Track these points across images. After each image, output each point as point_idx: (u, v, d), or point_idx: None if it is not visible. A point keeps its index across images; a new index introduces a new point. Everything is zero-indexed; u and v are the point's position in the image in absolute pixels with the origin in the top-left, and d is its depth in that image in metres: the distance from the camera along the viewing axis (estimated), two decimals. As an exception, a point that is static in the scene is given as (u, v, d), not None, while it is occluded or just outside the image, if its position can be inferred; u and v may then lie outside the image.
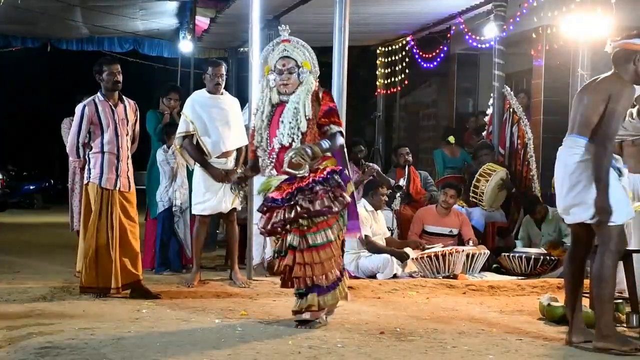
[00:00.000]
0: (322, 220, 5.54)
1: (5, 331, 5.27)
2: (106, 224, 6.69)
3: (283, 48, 5.78)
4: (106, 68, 6.80)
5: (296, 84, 5.72)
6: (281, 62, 5.73)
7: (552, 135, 10.79)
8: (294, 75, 5.73)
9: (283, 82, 5.70)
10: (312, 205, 5.49)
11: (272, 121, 5.71)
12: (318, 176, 5.56)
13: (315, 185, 5.53)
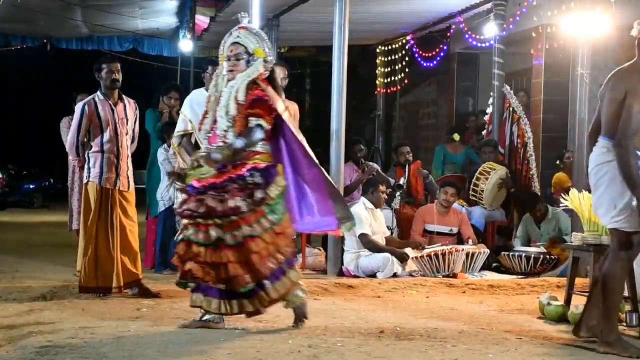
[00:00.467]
0: (235, 219, 5.28)
1: (5, 330, 5.27)
2: (106, 223, 6.69)
3: (236, 35, 5.63)
4: (105, 66, 6.80)
5: (237, 74, 5.56)
6: (229, 48, 5.60)
7: (552, 134, 10.83)
8: (242, 62, 5.56)
9: (230, 67, 5.55)
10: (222, 205, 5.26)
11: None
12: (236, 173, 5.37)
13: (229, 183, 5.34)
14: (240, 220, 5.27)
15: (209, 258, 5.26)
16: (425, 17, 11.89)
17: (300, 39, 13.91)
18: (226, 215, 5.27)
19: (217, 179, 5.37)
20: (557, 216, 9.04)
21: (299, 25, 11.85)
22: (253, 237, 5.30)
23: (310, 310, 6.31)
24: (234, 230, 5.27)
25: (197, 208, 5.29)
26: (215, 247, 5.27)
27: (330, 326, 5.64)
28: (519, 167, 9.96)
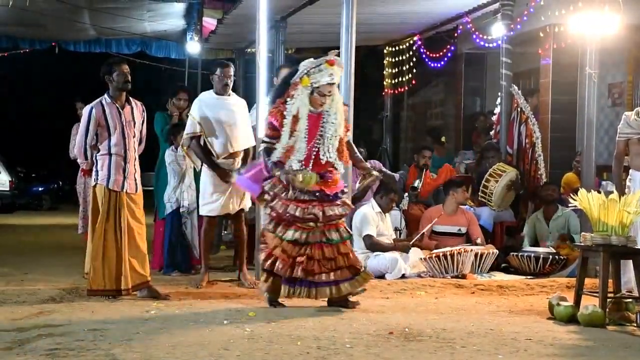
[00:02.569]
0: (342, 221, 6.48)
1: (14, 333, 5.28)
2: (114, 226, 6.70)
3: (330, 72, 6.28)
4: (116, 68, 6.79)
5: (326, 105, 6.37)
6: (327, 89, 6.30)
7: (560, 134, 10.80)
8: (330, 98, 6.37)
9: (323, 102, 6.33)
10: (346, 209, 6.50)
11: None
12: (340, 188, 6.48)
13: (340, 194, 6.46)
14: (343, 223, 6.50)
15: (334, 253, 6.33)
16: (433, 18, 11.88)
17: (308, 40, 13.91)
18: (342, 217, 6.46)
19: (336, 189, 6.43)
20: (567, 215, 9.02)
21: (307, 27, 11.86)
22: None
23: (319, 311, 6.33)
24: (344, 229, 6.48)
25: (337, 211, 6.36)
26: (342, 242, 6.40)
27: (339, 327, 5.63)
28: (527, 168, 9.95)
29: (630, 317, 6.16)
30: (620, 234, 6.13)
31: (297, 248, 6.30)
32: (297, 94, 6.32)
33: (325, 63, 6.27)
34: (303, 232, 6.30)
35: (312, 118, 6.35)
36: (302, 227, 6.30)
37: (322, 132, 6.35)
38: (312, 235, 6.31)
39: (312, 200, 6.29)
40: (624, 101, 11.14)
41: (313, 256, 6.29)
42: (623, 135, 6.97)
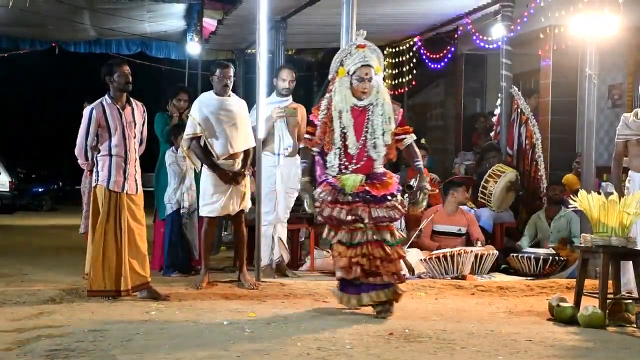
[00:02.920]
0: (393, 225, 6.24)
1: (14, 333, 5.29)
2: (114, 227, 6.70)
3: (363, 55, 6.10)
4: (117, 69, 6.79)
5: (370, 94, 6.13)
6: (363, 71, 6.08)
7: (560, 136, 10.80)
8: (372, 83, 6.11)
9: (364, 89, 6.09)
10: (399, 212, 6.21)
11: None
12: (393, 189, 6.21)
13: (397, 193, 6.22)
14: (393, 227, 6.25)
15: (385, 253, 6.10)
16: (433, 19, 11.88)
17: (308, 41, 13.92)
18: (395, 220, 6.24)
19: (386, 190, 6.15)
20: (569, 216, 9.02)
21: (307, 28, 11.86)
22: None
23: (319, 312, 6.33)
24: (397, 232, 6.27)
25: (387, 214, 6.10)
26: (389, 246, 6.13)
27: (339, 328, 5.63)
28: (527, 169, 9.95)
29: (630, 318, 6.17)
30: (620, 235, 6.13)
31: (351, 249, 6.12)
32: (335, 87, 6.17)
33: (355, 48, 6.15)
34: (350, 233, 6.11)
35: (356, 112, 6.14)
36: (351, 229, 6.11)
37: (369, 127, 6.14)
38: (362, 235, 6.09)
39: (356, 202, 6.08)
40: (624, 102, 11.14)
41: (370, 254, 6.08)
42: (622, 137, 6.98)
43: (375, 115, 6.13)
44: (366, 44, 6.17)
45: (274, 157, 8.07)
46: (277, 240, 8.09)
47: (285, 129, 8.10)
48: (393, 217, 6.17)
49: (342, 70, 6.14)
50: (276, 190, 8.05)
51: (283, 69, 8.31)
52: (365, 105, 6.13)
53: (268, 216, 7.98)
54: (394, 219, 6.21)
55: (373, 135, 6.14)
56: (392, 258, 6.13)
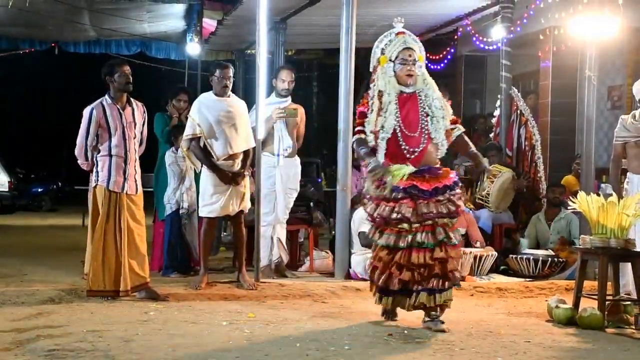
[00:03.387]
0: (455, 222, 5.80)
1: (13, 334, 5.29)
2: (114, 227, 6.70)
3: (403, 40, 5.84)
4: (118, 69, 6.79)
5: (416, 78, 5.82)
6: (407, 53, 5.79)
7: (560, 137, 10.80)
8: (416, 67, 5.81)
9: (410, 72, 5.77)
10: (458, 206, 5.75)
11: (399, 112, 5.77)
12: (450, 181, 5.76)
13: (455, 186, 5.77)
14: (457, 224, 5.86)
15: (429, 258, 5.63)
16: (433, 20, 11.88)
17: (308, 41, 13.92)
18: (457, 216, 5.78)
19: (446, 181, 5.71)
20: (568, 217, 9.01)
21: (307, 28, 11.86)
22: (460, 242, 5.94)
23: (318, 313, 6.33)
24: (454, 231, 5.77)
25: (440, 209, 5.65)
26: (439, 245, 5.65)
27: (338, 329, 5.64)
28: (527, 170, 9.95)
29: (628, 319, 6.17)
30: (619, 237, 6.13)
31: (391, 255, 5.69)
32: (378, 75, 5.85)
33: (395, 35, 5.88)
34: (396, 235, 5.66)
35: (404, 98, 5.80)
36: (394, 230, 5.67)
37: (428, 112, 5.78)
38: (404, 239, 5.65)
39: (403, 198, 5.63)
40: (624, 104, 11.15)
41: (404, 263, 5.65)
42: (620, 139, 6.98)
43: (429, 99, 5.82)
44: (405, 31, 5.92)
45: (274, 158, 8.07)
46: (276, 240, 8.09)
47: (284, 129, 8.11)
48: (445, 213, 5.67)
49: (383, 58, 5.84)
50: (276, 190, 8.05)
51: (282, 70, 8.31)
52: (413, 91, 5.82)
53: (267, 217, 7.98)
54: (447, 214, 5.69)
55: (432, 120, 5.78)
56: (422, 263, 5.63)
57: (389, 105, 5.75)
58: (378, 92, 5.80)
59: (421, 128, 5.77)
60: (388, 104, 5.75)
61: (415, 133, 5.75)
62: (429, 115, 5.78)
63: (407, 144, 5.74)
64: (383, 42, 5.90)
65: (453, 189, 5.72)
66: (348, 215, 8.15)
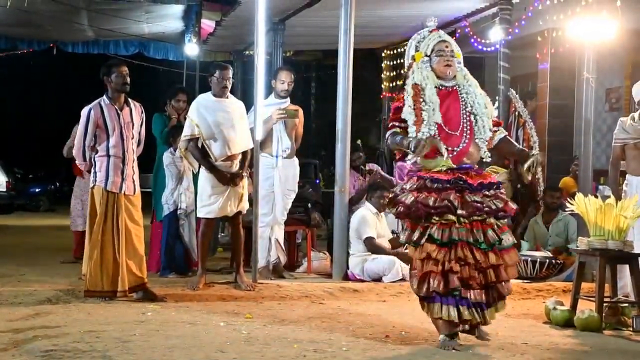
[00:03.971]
0: (504, 224, 5.29)
1: (11, 334, 5.28)
2: (112, 228, 6.69)
3: (438, 35, 5.49)
4: (115, 70, 6.80)
5: (455, 70, 5.44)
6: (443, 45, 5.41)
7: (558, 139, 10.81)
8: (455, 59, 5.44)
9: (448, 62, 5.36)
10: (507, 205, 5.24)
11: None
12: (492, 179, 5.31)
13: (494, 188, 5.26)
14: (506, 226, 5.28)
15: (484, 263, 5.09)
16: (431, 21, 11.88)
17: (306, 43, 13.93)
18: (505, 217, 5.26)
19: (482, 179, 5.24)
20: (566, 219, 9.01)
21: (305, 29, 11.86)
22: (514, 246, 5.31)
23: (315, 314, 6.33)
24: (504, 233, 5.20)
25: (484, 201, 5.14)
26: (491, 249, 5.13)
27: (335, 330, 5.64)
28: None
29: (626, 321, 6.17)
30: (617, 239, 6.13)
31: (443, 251, 5.06)
32: (414, 70, 5.42)
33: (428, 32, 5.53)
34: (443, 229, 5.08)
35: (443, 94, 5.36)
36: (440, 223, 5.09)
37: (470, 107, 5.35)
38: (457, 232, 5.07)
39: (446, 189, 5.12)
40: (622, 106, 11.16)
41: (466, 258, 5.05)
42: (619, 141, 6.98)
43: (471, 96, 5.38)
44: (439, 30, 5.58)
45: (272, 159, 8.07)
46: (274, 241, 8.09)
47: (283, 130, 8.11)
48: (493, 208, 5.16)
49: (418, 54, 5.46)
50: (274, 192, 8.04)
51: (282, 71, 8.31)
52: (453, 85, 5.41)
53: (265, 218, 7.98)
54: (496, 210, 5.17)
55: (476, 119, 5.34)
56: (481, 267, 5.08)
57: (430, 99, 5.28)
58: (415, 85, 5.33)
59: (462, 126, 5.32)
60: (429, 97, 5.28)
61: (456, 131, 5.29)
62: (472, 113, 5.34)
63: (447, 142, 5.24)
64: (416, 40, 5.56)
65: (499, 187, 5.28)
66: (346, 217, 8.15)
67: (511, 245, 5.21)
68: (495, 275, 5.11)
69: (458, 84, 5.41)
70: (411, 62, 5.53)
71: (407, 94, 5.33)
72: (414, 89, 5.31)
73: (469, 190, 5.13)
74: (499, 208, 5.18)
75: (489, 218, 5.15)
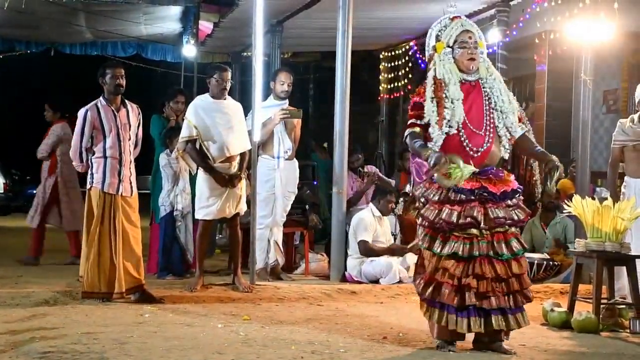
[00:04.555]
0: (517, 230, 5.12)
1: (8, 335, 5.27)
2: (109, 229, 6.69)
3: (461, 23, 5.20)
4: (109, 71, 6.81)
5: (478, 63, 5.16)
6: (466, 35, 5.13)
7: (555, 140, 10.82)
8: (478, 52, 5.15)
9: (472, 55, 5.09)
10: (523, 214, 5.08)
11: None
12: (511, 186, 5.08)
13: (512, 194, 5.06)
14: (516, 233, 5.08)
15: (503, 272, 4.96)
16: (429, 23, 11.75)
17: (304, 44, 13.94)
18: (519, 224, 5.11)
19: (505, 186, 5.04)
20: (564, 222, 9.02)
21: (303, 31, 11.87)
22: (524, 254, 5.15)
23: (313, 316, 6.33)
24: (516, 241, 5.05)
25: (511, 215, 5.00)
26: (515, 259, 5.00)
27: (333, 332, 5.64)
28: (522, 173, 9.94)
29: (623, 323, 6.17)
30: (614, 241, 6.14)
31: (462, 265, 4.94)
32: (435, 63, 5.18)
33: (449, 20, 5.29)
34: (465, 243, 4.95)
35: (466, 87, 5.12)
36: (463, 237, 4.96)
37: (494, 104, 5.10)
38: (478, 246, 4.95)
39: (470, 201, 4.95)
40: (619, 108, 11.17)
41: (484, 274, 4.92)
42: (618, 142, 6.99)
43: (495, 90, 5.11)
44: (461, 16, 5.32)
45: (273, 161, 8.07)
46: (273, 243, 8.09)
47: (284, 131, 8.11)
48: (516, 220, 5.05)
49: (440, 44, 5.18)
50: (275, 193, 8.04)
51: (281, 72, 8.32)
52: (476, 79, 5.15)
53: (265, 219, 7.98)
54: (518, 221, 5.07)
55: (501, 116, 5.09)
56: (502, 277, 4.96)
57: (453, 95, 5.04)
58: (436, 79, 5.10)
59: (486, 124, 5.08)
60: (452, 93, 5.05)
61: (480, 130, 5.06)
62: (495, 110, 5.10)
63: (470, 142, 5.04)
64: (437, 28, 5.28)
65: (520, 193, 5.12)
66: (344, 218, 8.15)
67: (523, 253, 5.12)
68: (518, 283, 5.00)
69: (481, 78, 5.17)
70: (432, 53, 5.26)
71: (429, 88, 5.11)
72: (436, 83, 5.09)
73: (492, 201, 4.97)
74: (520, 220, 5.08)
75: (511, 228, 5.04)
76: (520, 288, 5.00)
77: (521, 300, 5.02)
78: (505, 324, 4.96)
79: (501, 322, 4.94)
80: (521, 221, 5.10)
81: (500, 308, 4.93)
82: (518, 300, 4.99)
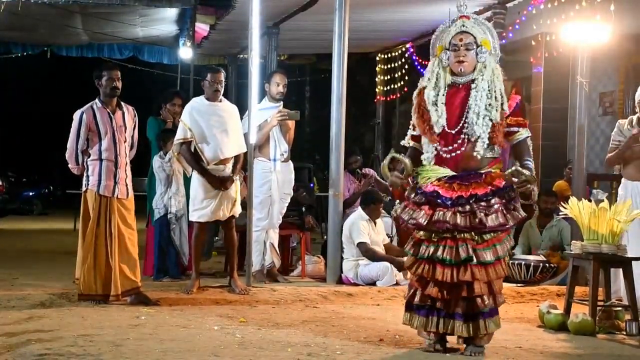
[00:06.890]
0: (492, 237, 4.96)
1: (4, 338, 5.26)
2: (105, 231, 6.69)
3: (461, 24, 5.15)
4: (105, 73, 6.81)
5: (473, 64, 5.09)
6: (458, 37, 5.08)
7: (551, 143, 10.84)
8: (471, 53, 5.08)
9: (458, 58, 5.05)
10: (486, 220, 4.89)
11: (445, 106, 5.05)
12: (494, 187, 4.98)
13: (492, 197, 4.94)
14: (495, 239, 4.96)
15: (455, 277, 4.90)
16: (425, 25, 11.90)
17: (300, 46, 13.94)
18: (491, 231, 4.94)
19: (477, 190, 4.94)
20: (560, 225, 9.01)
21: (299, 33, 11.87)
22: (499, 260, 4.99)
23: (309, 318, 6.32)
24: (486, 248, 4.94)
25: (462, 221, 4.90)
26: (464, 264, 4.91)
27: (329, 334, 5.63)
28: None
29: (620, 325, 6.18)
30: (610, 243, 6.14)
31: (431, 268, 4.98)
32: (431, 66, 5.20)
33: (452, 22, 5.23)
34: (417, 244, 5.09)
35: (453, 90, 5.09)
36: (414, 238, 5.11)
37: (472, 105, 5.00)
38: (424, 249, 5.02)
39: (423, 203, 5.01)
40: (615, 110, 11.19)
41: (426, 277, 4.99)
42: (616, 143, 7.00)
43: (479, 90, 5.02)
44: (471, 15, 5.22)
45: (270, 163, 8.07)
46: (269, 245, 8.08)
47: (280, 134, 8.11)
48: (466, 226, 4.91)
49: (440, 47, 5.17)
50: (271, 196, 8.04)
51: (276, 74, 8.32)
52: (466, 81, 5.09)
53: (261, 222, 7.98)
54: (469, 227, 4.92)
55: (475, 114, 4.99)
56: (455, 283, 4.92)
57: (431, 100, 5.07)
58: (420, 89, 5.15)
59: (462, 125, 5.02)
60: (430, 100, 5.07)
61: (452, 130, 5.02)
62: (471, 110, 5.00)
63: (441, 143, 5.05)
64: (439, 30, 5.27)
65: (484, 200, 4.92)
66: (340, 221, 8.15)
67: (493, 260, 4.95)
68: (468, 290, 4.92)
69: (472, 79, 5.09)
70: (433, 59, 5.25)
71: (414, 99, 5.19)
72: (419, 94, 5.16)
73: (443, 206, 4.93)
74: (474, 225, 4.89)
75: (464, 233, 4.92)
76: (469, 296, 4.92)
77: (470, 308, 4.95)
78: (474, 329, 4.98)
79: (470, 327, 4.97)
80: (476, 227, 4.90)
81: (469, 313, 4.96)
82: (468, 308, 4.95)
